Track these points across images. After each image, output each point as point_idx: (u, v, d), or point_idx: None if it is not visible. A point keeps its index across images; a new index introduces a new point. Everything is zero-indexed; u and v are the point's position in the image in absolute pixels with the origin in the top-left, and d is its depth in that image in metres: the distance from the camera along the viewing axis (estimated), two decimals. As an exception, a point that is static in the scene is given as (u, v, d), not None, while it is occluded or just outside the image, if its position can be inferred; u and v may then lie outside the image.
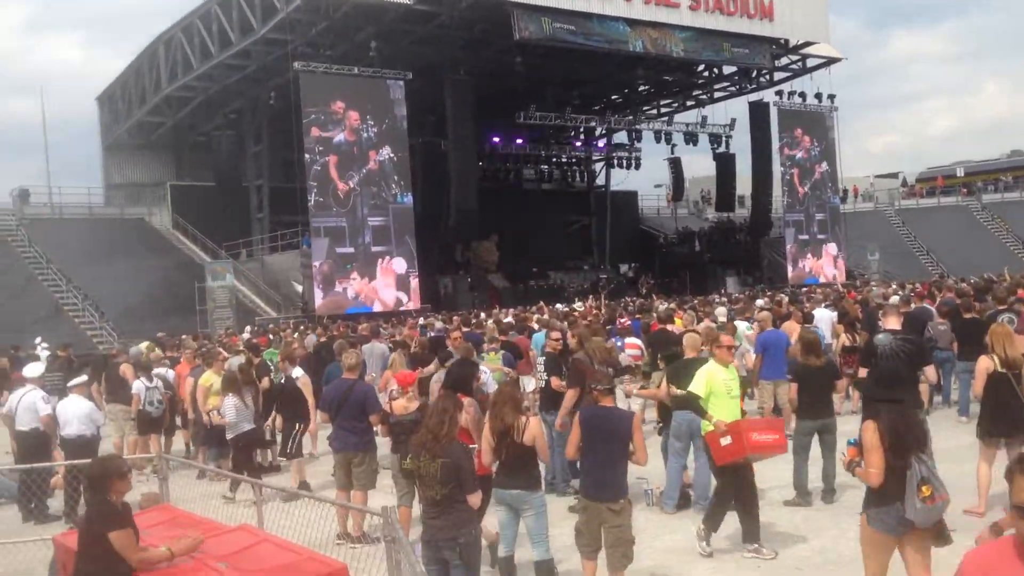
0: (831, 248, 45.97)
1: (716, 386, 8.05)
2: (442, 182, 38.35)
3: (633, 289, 43.78)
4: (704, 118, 47.81)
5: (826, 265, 45.49)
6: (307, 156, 32.80)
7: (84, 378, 11.28)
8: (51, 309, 33.54)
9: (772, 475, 9.20)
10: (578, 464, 7.19)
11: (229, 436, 11.01)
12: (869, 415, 5.76)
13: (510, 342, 13.66)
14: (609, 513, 6.41)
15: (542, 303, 26.91)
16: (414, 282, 34.49)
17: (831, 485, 9.05)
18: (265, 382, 12.35)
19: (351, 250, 33.41)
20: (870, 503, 5.63)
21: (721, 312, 16.41)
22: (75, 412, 10.50)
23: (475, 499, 5.92)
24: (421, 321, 23.07)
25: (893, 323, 9.04)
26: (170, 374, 13.73)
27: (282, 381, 11.46)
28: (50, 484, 10.42)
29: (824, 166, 46.42)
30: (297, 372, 11.39)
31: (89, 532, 5.37)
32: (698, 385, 8.08)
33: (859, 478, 5.65)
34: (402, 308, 32.94)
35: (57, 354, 18.76)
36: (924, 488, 5.34)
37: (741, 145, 48.18)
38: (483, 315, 23.92)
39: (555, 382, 9.85)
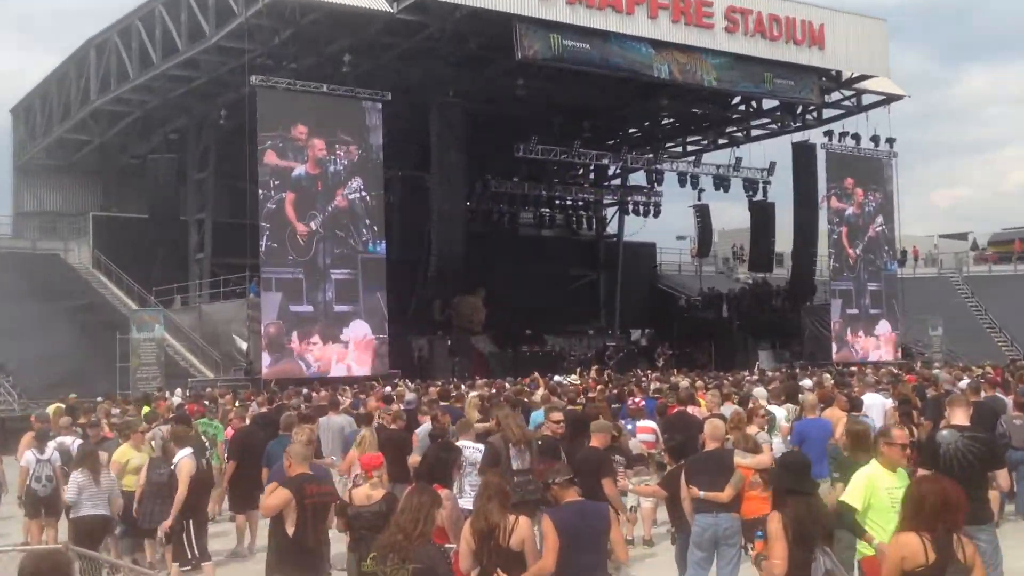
0: (885, 325, 46.05)
1: (878, 497, 7.43)
2: (422, 224, 38.53)
3: (646, 360, 43.79)
4: (738, 160, 48.19)
5: (878, 343, 45.51)
6: (260, 191, 32.85)
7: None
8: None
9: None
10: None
11: (70, 517, 11.19)
12: (776, 506, 6.65)
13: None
14: None
15: (536, 374, 26.87)
16: (382, 347, 34.35)
17: None
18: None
19: (309, 309, 33.08)
20: None
21: (761, 394, 16.39)
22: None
23: (452, 614, 5.89)
24: (387, 390, 22.97)
25: (960, 416, 9.03)
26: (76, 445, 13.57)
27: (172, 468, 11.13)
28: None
29: (880, 223, 46.76)
30: (183, 453, 11.07)
31: None
32: (854, 494, 7.52)
33: (764, 573, 6.46)
34: (361, 374, 32.59)
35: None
36: None
37: (781, 193, 48.44)
38: (464, 387, 23.82)
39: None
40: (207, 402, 20.69)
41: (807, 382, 20.60)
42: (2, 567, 8.68)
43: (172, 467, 11.04)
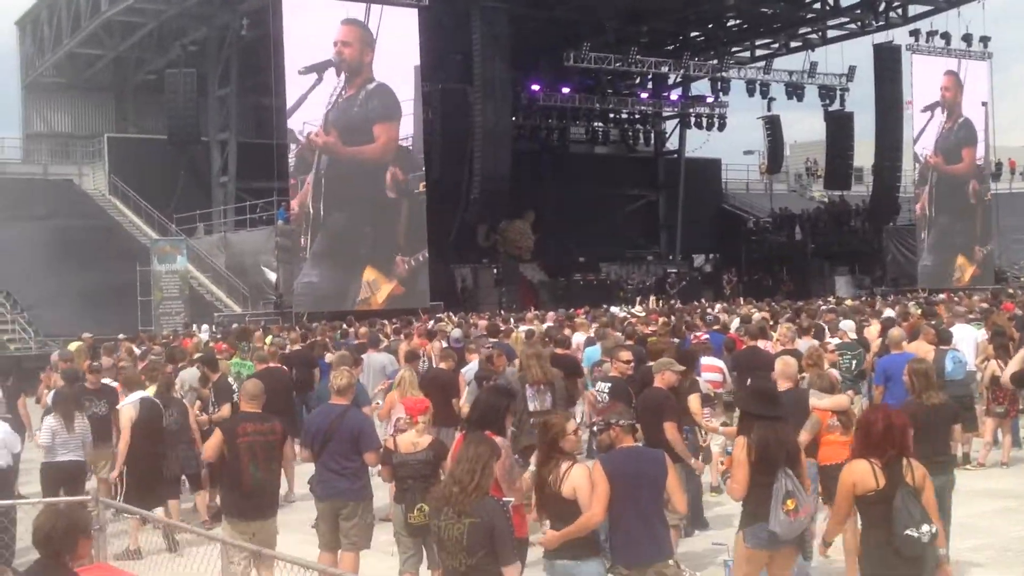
0: (978, 242, 45.51)
1: None
2: (465, 141, 38.42)
3: (712, 289, 43.73)
4: (813, 65, 47.53)
5: (970, 264, 45.01)
6: (288, 105, 32.91)
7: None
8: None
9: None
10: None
11: (43, 462, 11.45)
12: (742, 431, 7.46)
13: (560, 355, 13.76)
14: None
15: (601, 310, 26.83)
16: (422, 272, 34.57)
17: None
18: (226, 409, 12.45)
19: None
20: (745, 521, 7.22)
21: (849, 327, 16.29)
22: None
23: (513, 572, 5.96)
24: (431, 326, 23.12)
25: (1061, 350, 8.93)
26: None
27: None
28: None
29: (972, 131, 45.99)
30: (128, 399, 11.43)
31: None
32: None
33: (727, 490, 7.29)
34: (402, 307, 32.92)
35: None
36: (789, 502, 6.90)
37: (862, 101, 47.77)
38: (513, 320, 23.90)
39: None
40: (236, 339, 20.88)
41: (889, 313, 20.43)
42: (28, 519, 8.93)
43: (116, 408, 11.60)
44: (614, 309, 27.80)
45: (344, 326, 23.14)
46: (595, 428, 10.33)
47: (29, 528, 5.86)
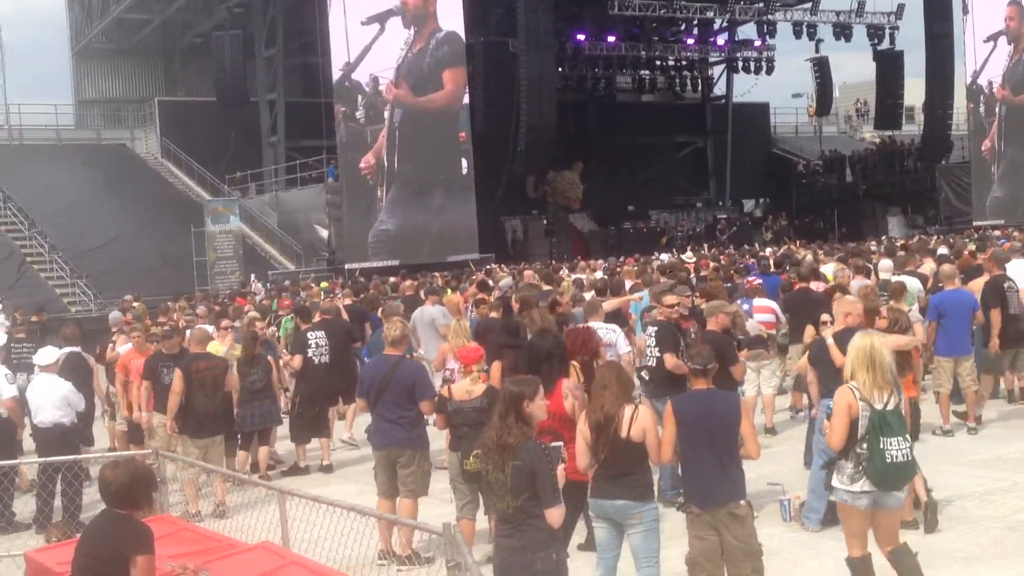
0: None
1: None
2: (510, 94, 38.25)
3: (760, 233, 43.54)
4: (861, 4, 46.68)
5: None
6: (334, 63, 32.88)
7: (55, 352, 11.44)
8: (11, 261, 34.34)
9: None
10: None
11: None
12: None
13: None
14: (730, 519, 6.50)
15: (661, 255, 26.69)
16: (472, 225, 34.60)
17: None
18: (297, 360, 12.70)
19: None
20: None
21: (885, 266, 16.13)
22: (49, 395, 10.75)
23: (554, 514, 5.93)
24: (482, 277, 23.13)
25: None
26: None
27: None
28: (16, 485, 10.76)
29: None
30: (64, 350, 12.04)
31: (106, 552, 5.42)
32: None
33: None
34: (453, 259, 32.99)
35: (17, 318, 19.30)
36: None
37: (912, 39, 47.01)
38: (565, 269, 23.85)
39: (670, 360, 9.86)
40: (299, 295, 21.07)
41: (943, 250, 20.13)
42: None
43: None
44: (664, 256, 27.64)
45: (393, 280, 23.20)
46: (642, 373, 10.37)
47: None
